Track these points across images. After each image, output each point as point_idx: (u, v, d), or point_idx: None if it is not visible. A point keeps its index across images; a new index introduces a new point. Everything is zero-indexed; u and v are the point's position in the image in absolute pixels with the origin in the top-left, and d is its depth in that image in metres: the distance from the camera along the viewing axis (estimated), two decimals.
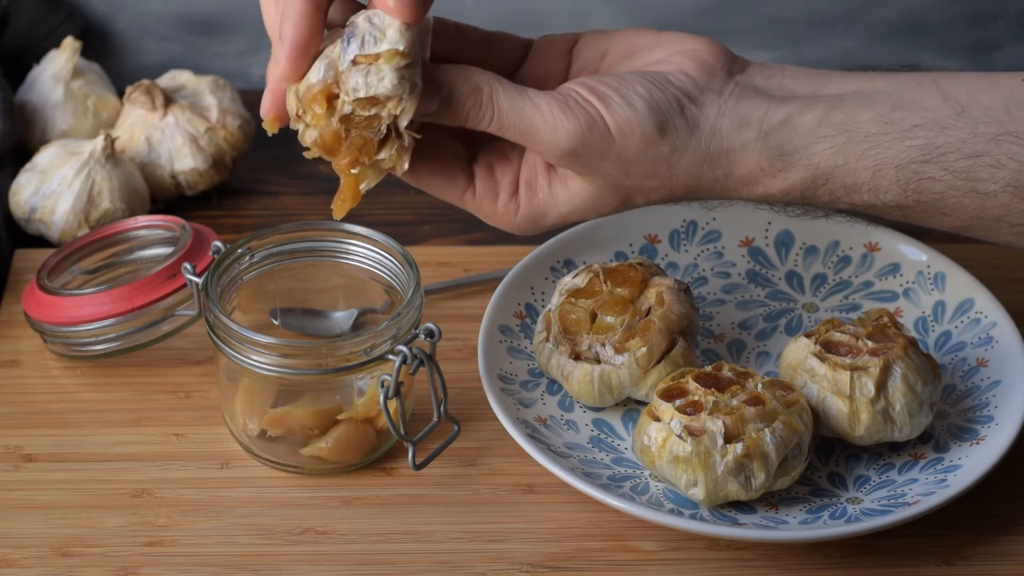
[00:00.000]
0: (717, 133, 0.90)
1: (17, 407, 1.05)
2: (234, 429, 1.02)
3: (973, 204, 0.90)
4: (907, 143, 0.90)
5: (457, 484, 1.00)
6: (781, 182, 0.91)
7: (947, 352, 1.05)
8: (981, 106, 0.89)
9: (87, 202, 1.16)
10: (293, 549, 0.96)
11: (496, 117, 0.89)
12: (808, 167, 0.91)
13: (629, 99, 0.89)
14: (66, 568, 0.95)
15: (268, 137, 1.27)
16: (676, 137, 0.90)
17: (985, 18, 1.34)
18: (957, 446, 0.99)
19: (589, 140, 0.89)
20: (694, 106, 0.90)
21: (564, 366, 1.01)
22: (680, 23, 1.33)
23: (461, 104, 0.89)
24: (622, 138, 0.89)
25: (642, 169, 0.90)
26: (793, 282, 1.11)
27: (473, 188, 0.93)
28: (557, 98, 0.89)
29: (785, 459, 0.95)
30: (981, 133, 0.89)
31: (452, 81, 0.88)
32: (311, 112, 0.88)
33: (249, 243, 1.02)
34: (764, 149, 0.90)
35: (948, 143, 0.89)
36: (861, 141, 0.90)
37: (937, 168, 0.90)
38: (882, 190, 0.91)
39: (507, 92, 0.89)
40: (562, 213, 0.93)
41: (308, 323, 1.08)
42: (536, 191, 0.93)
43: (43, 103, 1.23)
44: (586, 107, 0.89)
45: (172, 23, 1.33)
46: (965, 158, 0.89)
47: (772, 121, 0.90)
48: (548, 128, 0.89)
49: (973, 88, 0.91)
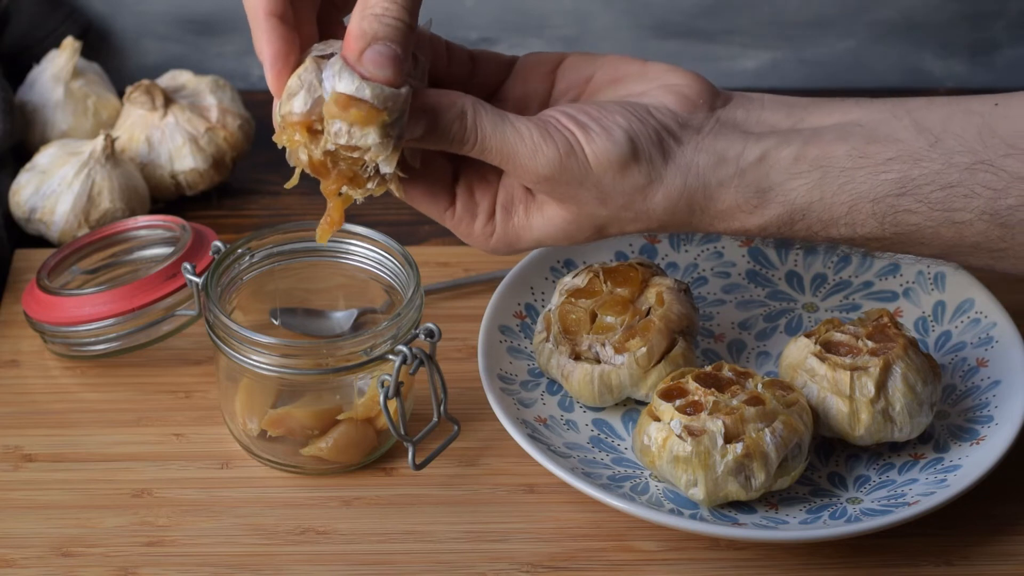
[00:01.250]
0: (694, 169, 0.91)
1: (17, 407, 1.05)
2: (234, 429, 1.02)
3: (950, 233, 0.91)
4: (882, 176, 0.90)
5: (457, 484, 1.00)
6: (758, 218, 0.92)
7: (947, 352, 1.05)
8: (954, 135, 0.90)
9: (87, 202, 1.16)
10: (293, 549, 0.96)
11: (479, 141, 0.89)
12: (785, 203, 0.91)
13: (608, 128, 0.90)
14: (66, 568, 0.95)
15: (268, 137, 1.27)
16: (652, 169, 0.90)
17: (985, 18, 1.34)
18: (957, 446, 0.99)
19: (567, 167, 0.89)
20: (673, 140, 0.91)
21: (564, 366, 1.01)
22: (680, 23, 1.33)
23: (446, 129, 0.89)
24: (599, 167, 0.90)
25: (618, 200, 0.91)
26: (793, 282, 1.11)
27: (453, 208, 0.93)
28: (538, 124, 0.90)
29: (785, 459, 0.95)
30: (955, 163, 0.89)
31: (437, 107, 0.88)
32: (291, 138, 0.87)
33: (249, 243, 1.02)
34: (741, 186, 0.91)
35: (922, 175, 0.90)
36: (837, 176, 0.90)
37: (912, 200, 0.90)
38: (859, 224, 0.91)
39: (490, 117, 0.89)
40: (535, 238, 0.93)
41: (308, 323, 1.08)
42: (512, 215, 0.93)
43: (43, 103, 1.23)
44: (565, 134, 0.89)
45: (172, 23, 1.33)
46: (940, 189, 0.90)
47: (749, 158, 0.91)
48: (528, 153, 0.89)
49: (946, 117, 0.91)
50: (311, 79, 0.87)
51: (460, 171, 0.94)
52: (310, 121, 0.87)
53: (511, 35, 1.34)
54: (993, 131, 0.89)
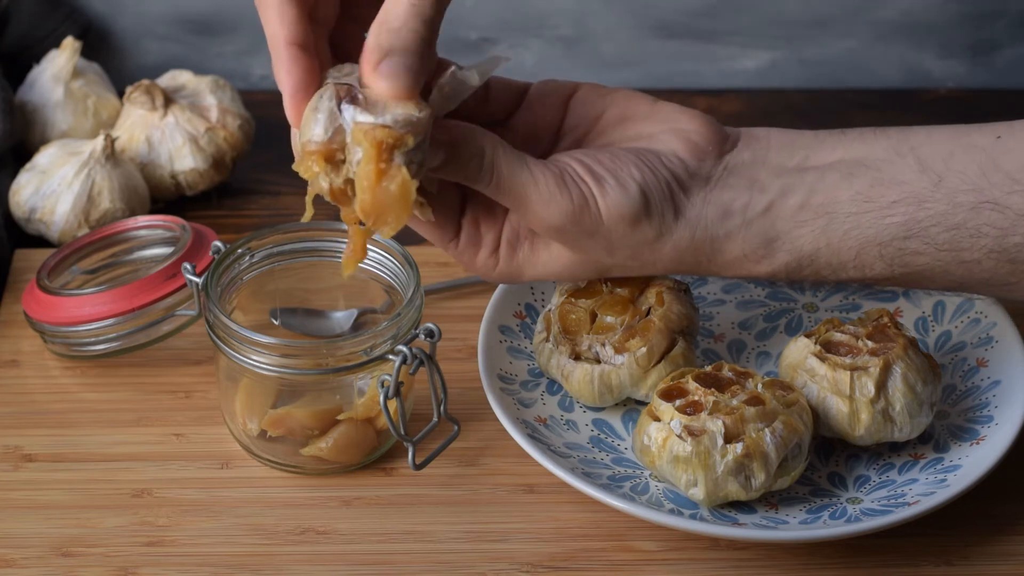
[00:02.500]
0: (702, 222, 0.91)
1: (17, 407, 1.05)
2: (234, 429, 1.02)
3: (960, 272, 0.91)
4: (887, 220, 0.90)
5: (457, 484, 1.00)
6: (766, 266, 0.93)
7: (947, 352, 1.05)
8: (957, 173, 0.90)
9: (87, 202, 1.16)
10: (293, 549, 0.96)
11: (494, 181, 0.89)
12: (792, 251, 0.92)
13: (624, 183, 0.90)
14: (66, 568, 0.95)
15: (268, 137, 1.27)
16: (663, 224, 0.91)
17: (985, 18, 1.34)
18: (957, 446, 0.99)
19: (580, 220, 0.90)
20: (683, 192, 0.91)
21: (564, 366, 1.01)
22: (680, 23, 1.33)
23: (463, 164, 0.89)
24: (611, 221, 0.90)
25: (626, 251, 0.92)
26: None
27: (457, 240, 0.94)
28: (554, 172, 0.90)
29: (785, 459, 0.95)
30: (960, 203, 0.89)
31: (458, 140, 0.88)
32: (309, 168, 0.87)
33: (249, 243, 1.02)
34: (748, 237, 0.92)
35: (928, 217, 0.90)
36: (842, 222, 0.91)
37: (919, 242, 0.91)
38: (867, 267, 0.92)
39: (507, 159, 0.89)
40: (539, 274, 0.95)
41: (308, 323, 1.08)
42: (516, 251, 0.94)
43: (43, 103, 1.23)
44: (581, 187, 0.90)
45: (172, 23, 1.33)
46: (946, 231, 0.90)
47: (756, 209, 0.91)
48: (542, 201, 0.89)
49: (949, 154, 0.91)
50: (330, 106, 0.86)
51: (467, 202, 0.94)
52: (331, 150, 0.86)
53: (511, 35, 1.34)
54: (996, 166, 0.89)
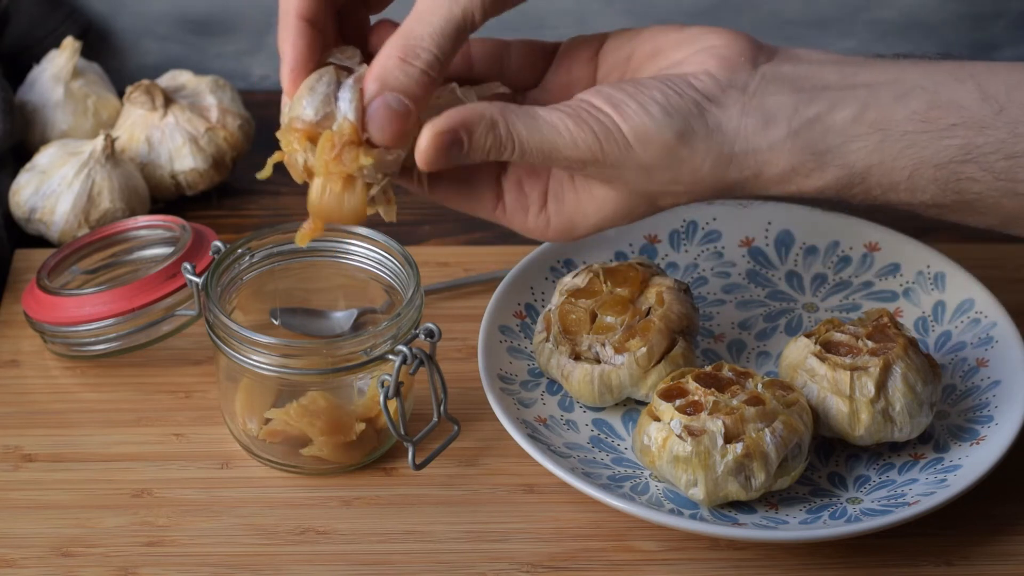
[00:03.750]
0: (742, 133, 0.88)
1: (17, 407, 1.05)
2: (234, 429, 1.02)
3: (1012, 204, 0.89)
4: (945, 142, 0.88)
5: (457, 484, 1.00)
6: (816, 181, 0.89)
7: (947, 352, 1.05)
8: (1019, 104, 0.88)
9: (87, 202, 1.16)
10: (293, 549, 0.96)
11: (517, 146, 0.87)
12: (843, 166, 0.88)
13: (645, 105, 0.87)
14: (66, 568, 0.95)
15: (268, 137, 1.27)
16: (696, 140, 0.88)
17: (985, 18, 1.34)
18: (957, 446, 0.99)
19: (607, 150, 0.87)
20: (715, 107, 0.88)
21: (564, 366, 1.01)
22: (680, 23, 1.33)
23: (481, 143, 0.87)
24: (640, 145, 0.87)
25: (664, 175, 0.89)
26: (793, 282, 1.11)
27: (503, 204, 0.92)
28: (570, 112, 0.88)
29: (785, 459, 0.95)
30: (1020, 133, 0.87)
31: (468, 123, 0.87)
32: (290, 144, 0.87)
33: (249, 243, 1.02)
34: (795, 148, 0.88)
35: (987, 143, 0.88)
36: (898, 140, 0.88)
37: (976, 168, 0.88)
38: (919, 189, 0.89)
39: (520, 118, 0.87)
40: (592, 224, 0.92)
41: (308, 323, 1.08)
42: (564, 202, 0.91)
43: (43, 103, 1.23)
44: (600, 117, 0.87)
45: (172, 23, 1.33)
46: (1005, 159, 0.88)
47: (802, 118, 0.88)
48: (568, 144, 0.87)
49: (1011, 85, 0.88)
50: (326, 91, 0.86)
51: (507, 165, 0.92)
52: (316, 132, 0.86)
53: (511, 35, 1.34)
54: None
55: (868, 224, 1.11)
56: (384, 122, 0.86)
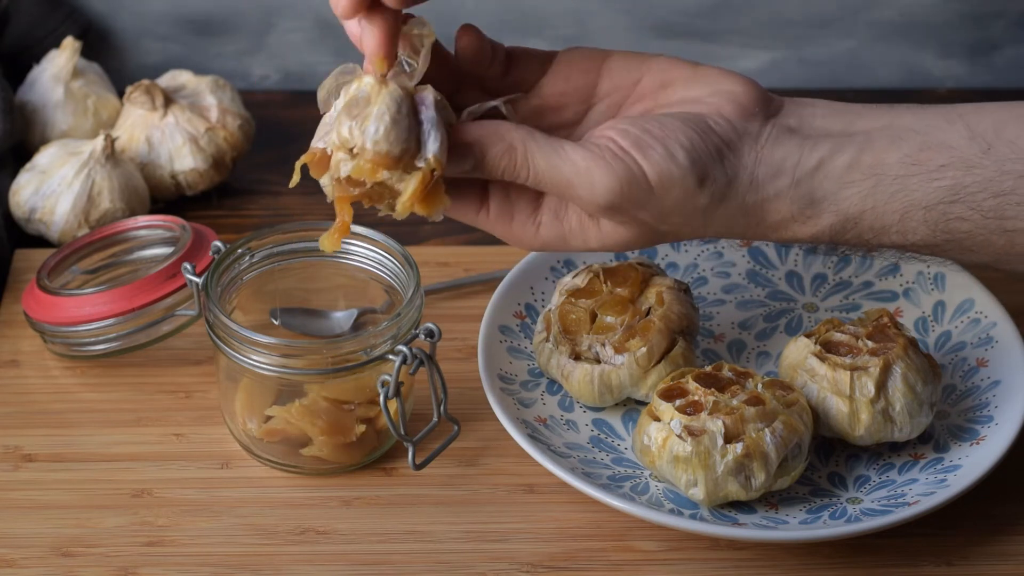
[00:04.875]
0: (754, 183, 0.89)
1: (17, 407, 1.05)
2: (234, 429, 1.02)
3: (1001, 241, 0.90)
4: (935, 184, 0.89)
5: (457, 484, 1.00)
6: (811, 228, 0.91)
7: (947, 352, 1.05)
8: (1007, 142, 0.89)
9: (87, 202, 1.16)
10: (293, 549, 0.96)
11: (532, 175, 0.88)
12: (837, 212, 0.90)
13: (671, 150, 0.88)
14: (66, 568, 0.95)
15: (268, 137, 1.27)
16: (715, 189, 0.89)
17: (985, 18, 1.34)
18: (957, 446, 0.99)
19: (628, 194, 0.87)
20: (733, 155, 0.89)
21: (564, 366, 1.01)
22: (680, 23, 1.33)
23: (495, 164, 0.87)
24: (662, 191, 0.88)
25: (679, 218, 0.90)
26: (793, 282, 1.11)
27: (487, 208, 0.91)
28: (593, 151, 0.87)
29: (785, 459, 0.95)
30: (1008, 171, 0.89)
31: (483, 142, 0.87)
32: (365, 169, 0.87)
33: (249, 243, 1.02)
34: (795, 197, 0.90)
35: (975, 182, 0.89)
36: (890, 184, 0.89)
37: (965, 208, 0.89)
38: (910, 231, 0.90)
39: (542, 150, 0.87)
40: (589, 247, 0.92)
41: (308, 323, 1.08)
42: (563, 221, 0.91)
43: (43, 103, 1.23)
44: (625, 160, 0.87)
45: (172, 23, 1.33)
46: (992, 197, 0.89)
47: (805, 168, 0.90)
48: (585, 185, 0.87)
49: (999, 123, 0.90)
50: (407, 123, 0.86)
51: None
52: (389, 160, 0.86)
53: (511, 35, 1.34)
54: None
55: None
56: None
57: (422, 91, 0.87)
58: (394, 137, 0.85)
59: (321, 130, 0.88)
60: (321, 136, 0.88)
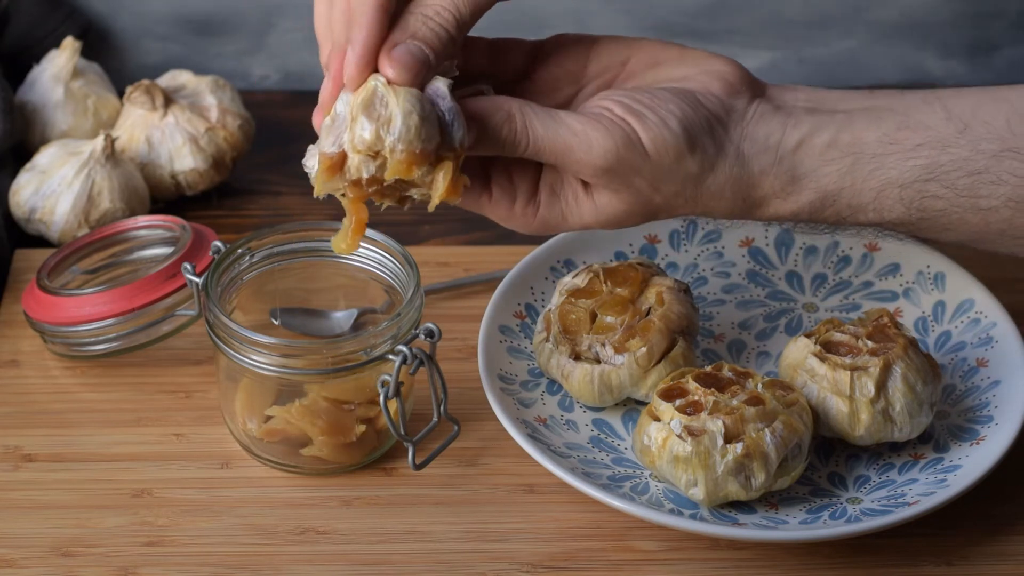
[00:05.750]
0: (740, 157, 0.91)
1: (17, 407, 1.05)
2: (234, 429, 1.02)
3: (975, 220, 0.92)
4: (911, 162, 0.91)
5: (457, 484, 1.00)
6: (792, 204, 0.93)
7: (947, 352, 1.05)
8: (983, 122, 0.91)
9: (87, 202, 1.16)
10: (293, 549, 0.96)
11: (531, 142, 0.89)
12: (817, 189, 0.92)
13: (664, 117, 0.90)
14: (66, 568, 0.95)
15: (268, 137, 1.27)
16: (705, 158, 0.91)
17: (985, 18, 1.34)
18: (957, 446, 0.99)
19: (625, 157, 0.89)
20: (721, 128, 0.91)
21: (564, 366, 1.01)
22: (680, 23, 1.33)
23: (496, 134, 0.89)
24: (657, 155, 0.90)
25: (672, 187, 0.91)
26: (793, 282, 1.11)
27: (490, 193, 0.93)
28: (590, 117, 0.90)
29: (785, 459, 0.95)
30: (983, 150, 0.90)
31: (484, 113, 0.89)
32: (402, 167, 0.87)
33: (249, 243, 1.02)
34: (779, 172, 0.92)
35: (950, 161, 0.91)
36: (867, 162, 0.91)
37: (939, 186, 0.91)
38: (886, 209, 0.92)
39: (540, 116, 0.89)
40: (584, 223, 0.93)
41: (308, 323, 1.08)
42: (559, 198, 0.93)
43: (43, 103, 1.23)
44: (621, 124, 0.89)
45: (172, 23, 1.33)
46: (967, 175, 0.91)
47: (787, 145, 0.92)
48: (583, 148, 0.89)
49: (976, 104, 0.92)
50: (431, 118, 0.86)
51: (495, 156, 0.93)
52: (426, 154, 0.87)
53: (510, 35, 1.34)
54: (1022, 118, 0.90)
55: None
56: (404, 64, 0.86)
57: (435, 82, 0.87)
58: (426, 134, 0.86)
59: (327, 134, 0.88)
60: (331, 141, 0.87)
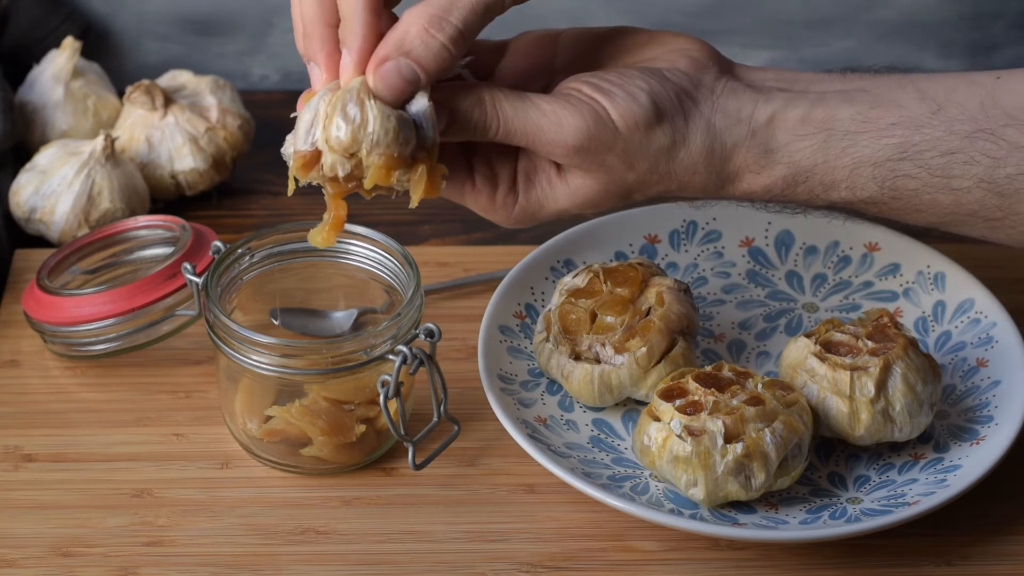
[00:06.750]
0: (711, 129, 0.92)
1: (17, 407, 1.05)
2: (234, 429, 1.02)
3: (947, 200, 0.92)
4: (884, 141, 0.92)
5: (457, 484, 1.00)
6: (764, 179, 0.93)
7: (947, 352, 1.05)
8: (957, 104, 0.91)
9: (87, 202, 1.16)
10: (293, 549, 0.96)
11: (502, 124, 0.90)
12: (790, 164, 0.92)
13: (632, 92, 0.91)
14: (66, 568, 0.95)
15: (268, 137, 1.27)
16: (675, 130, 0.91)
17: (985, 18, 1.34)
18: (957, 446, 0.99)
19: (596, 134, 0.90)
20: (690, 100, 0.92)
21: (564, 366, 1.01)
22: (680, 23, 1.33)
23: (467, 118, 0.89)
24: (627, 130, 0.90)
25: (645, 163, 0.92)
26: (793, 282, 1.11)
27: (472, 182, 0.93)
28: (560, 97, 0.90)
29: (785, 459, 0.95)
30: (956, 131, 0.91)
31: (453, 98, 0.89)
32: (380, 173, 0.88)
33: (249, 243, 1.02)
34: (751, 145, 0.92)
35: (924, 141, 0.91)
36: (841, 139, 0.92)
37: (912, 165, 0.92)
38: (859, 187, 0.93)
39: (509, 99, 0.90)
40: (561, 208, 0.94)
41: (308, 323, 1.08)
42: (534, 184, 0.93)
43: (43, 103, 1.23)
44: (590, 103, 0.90)
45: (172, 23, 1.33)
46: (940, 155, 0.91)
47: (760, 119, 0.92)
48: (553, 128, 0.90)
49: (950, 87, 0.92)
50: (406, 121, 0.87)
51: (476, 145, 0.93)
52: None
53: (510, 35, 1.34)
54: (995, 102, 0.91)
55: (868, 224, 1.11)
56: (390, 84, 0.86)
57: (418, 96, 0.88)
58: (403, 138, 0.87)
59: (301, 131, 0.88)
60: (304, 138, 0.88)
